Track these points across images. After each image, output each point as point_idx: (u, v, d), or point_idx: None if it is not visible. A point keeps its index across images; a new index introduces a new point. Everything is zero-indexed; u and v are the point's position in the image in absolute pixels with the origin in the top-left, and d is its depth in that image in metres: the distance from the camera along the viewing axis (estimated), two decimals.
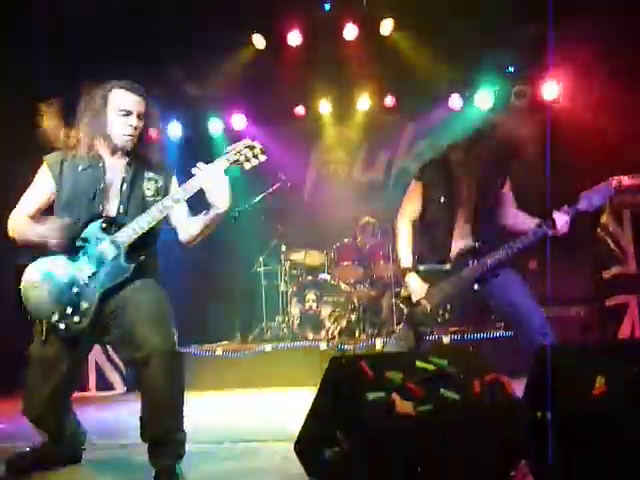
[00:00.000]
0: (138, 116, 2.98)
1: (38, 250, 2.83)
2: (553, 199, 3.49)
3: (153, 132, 3.14)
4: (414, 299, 3.60)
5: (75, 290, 2.76)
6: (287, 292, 6.90)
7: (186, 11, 6.68)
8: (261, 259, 7.26)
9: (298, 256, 7.12)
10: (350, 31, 7.08)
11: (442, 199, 3.65)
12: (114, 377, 6.14)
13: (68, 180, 2.92)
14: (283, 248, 7.12)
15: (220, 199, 2.84)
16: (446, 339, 5.85)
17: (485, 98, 7.76)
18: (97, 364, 6.21)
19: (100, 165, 2.94)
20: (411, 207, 3.75)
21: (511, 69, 7.74)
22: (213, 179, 2.83)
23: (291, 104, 8.36)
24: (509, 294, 3.55)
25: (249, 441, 3.57)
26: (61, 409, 3.04)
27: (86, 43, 6.41)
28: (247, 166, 2.95)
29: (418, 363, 2.38)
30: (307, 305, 6.57)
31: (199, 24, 6.79)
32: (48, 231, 2.77)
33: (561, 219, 3.44)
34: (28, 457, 3.09)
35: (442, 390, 2.27)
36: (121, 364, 6.10)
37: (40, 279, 2.77)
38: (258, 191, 7.06)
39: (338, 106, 8.33)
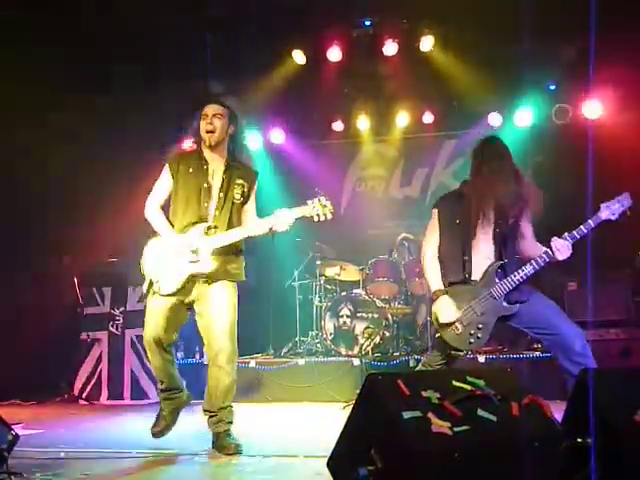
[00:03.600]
0: (214, 115, 3.78)
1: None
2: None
3: (246, 141, 3.99)
4: (441, 321, 3.62)
5: (176, 266, 3.65)
6: (321, 307, 6.88)
7: (226, 27, 6.79)
8: (296, 273, 7.27)
9: (333, 271, 7.11)
10: (390, 47, 7.08)
11: (458, 221, 3.74)
12: (149, 387, 6.18)
13: (181, 178, 3.81)
14: (318, 262, 7.12)
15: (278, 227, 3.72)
16: (481, 358, 5.78)
17: (525, 116, 7.69)
18: (132, 373, 6.27)
19: (205, 168, 3.81)
20: (433, 234, 3.84)
21: (552, 87, 7.66)
22: (284, 223, 3.71)
23: (329, 119, 8.38)
24: (546, 318, 3.53)
25: (281, 456, 3.56)
26: (164, 344, 3.78)
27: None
28: (315, 219, 3.71)
29: (455, 383, 2.36)
30: (341, 320, 6.54)
31: (238, 39, 6.88)
32: (169, 236, 3.76)
33: (558, 245, 3.50)
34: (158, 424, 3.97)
35: (479, 411, 2.24)
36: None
37: (151, 253, 3.79)
38: (294, 205, 7.08)
39: (376, 122, 8.32)
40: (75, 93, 6.40)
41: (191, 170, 3.79)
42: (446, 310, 3.62)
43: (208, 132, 3.78)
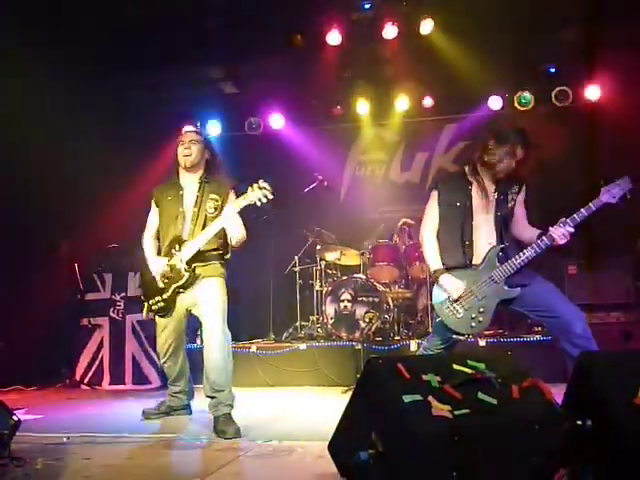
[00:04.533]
0: (190, 141, 4.17)
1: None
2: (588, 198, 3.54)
3: (219, 162, 4.36)
4: (454, 297, 3.60)
5: (161, 285, 4.12)
6: (322, 292, 6.89)
7: (224, 10, 6.74)
8: (296, 258, 7.27)
9: (333, 256, 7.10)
10: (389, 31, 7.03)
11: (458, 204, 3.72)
12: (150, 371, 6.20)
13: (163, 207, 4.27)
14: (318, 247, 7.12)
15: (233, 235, 3.99)
16: (482, 342, 5.79)
17: (525, 99, 7.66)
18: (134, 358, 6.29)
19: (180, 193, 4.19)
20: (431, 216, 3.82)
21: (553, 70, 7.62)
22: (230, 218, 3.95)
23: (329, 104, 8.35)
24: (547, 300, 3.53)
25: (282, 440, 3.57)
26: (174, 352, 4.31)
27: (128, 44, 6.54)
28: (258, 204, 3.92)
29: (455, 366, 2.36)
30: (342, 305, 6.54)
31: (238, 23, 6.83)
32: (150, 263, 4.22)
33: (557, 232, 3.49)
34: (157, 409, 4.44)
35: (479, 394, 2.24)
36: (157, 359, 6.13)
37: (149, 275, 4.22)
38: (295, 190, 7.08)
39: (376, 106, 8.28)
40: (73, 76, 6.38)
41: (169, 198, 4.23)
42: (453, 285, 3.61)
43: (185, 156, 4.16)
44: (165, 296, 4.12)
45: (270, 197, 3.91)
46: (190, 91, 8.12)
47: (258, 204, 3.91)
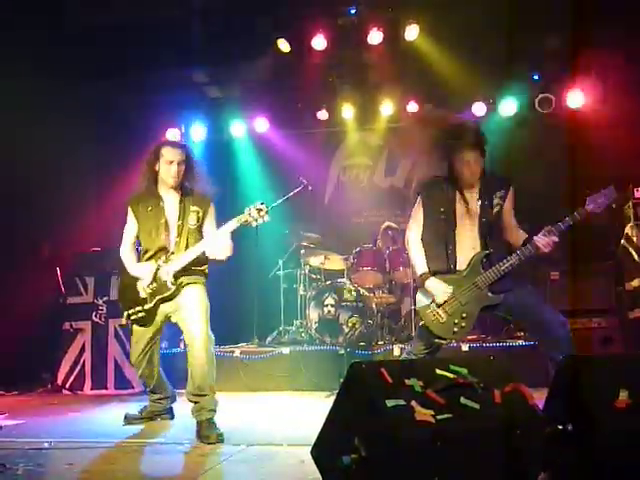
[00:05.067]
0: (178, 163, 4.09)
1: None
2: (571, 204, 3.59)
3: (199, 170, 4.25)
4: (440, 300, 3.61)
5: (143, 295, 4.06)
6: (306, 296, 6.89)
7: (211, 14, 6.74)
8: (280, 262, 7.27)
9: (317, 260, 7.10)
10: (375, 36, 7.06)
11: (442, 209, 3.72)
12: (133, 376, 6.15)
13: (142, 218, 4.18)
14: (302, 252, 7.12)
15: (220, 254, 3.99)
16: (465, 347, 5.82)
17: (509, 106, 7.71)
18: (116, 363, 6.24)
19: (160, 205, 4.14)
20: (417, 220, 3.84)
21: (536, 77, 7.69)
22: (216, 241, 3.97)
23: (314, 108, 8.36)
24: (530, 306, 3.56)
25: (265, 444, 3.57)
26: (149, 361, 4.26)
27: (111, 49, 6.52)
28: (254, 224, 3.88)
29: (438, 371, 2.37)
30: (326, 309, 6.54)
31: (223, 27, 6.83)
32: (136, 270, 4.14)
33: (541, 241, 3.53)
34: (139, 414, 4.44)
35: (462, 399, 2.25)
36: None
37: (129, 284, 4.16)
38: (279, 194, 7.07)
39: (361, 111, 8.31)
40: (58, 77, 6.34)
41: (150, 209, 4.16)
42: (439, 289, 3.62)
43: (173, 177, 4.10)
44: (147, 307, 4.07)
45: (267, 219, 3.87)
46: (174, 94, 8.09)
47: (254, 225, 3.88)
